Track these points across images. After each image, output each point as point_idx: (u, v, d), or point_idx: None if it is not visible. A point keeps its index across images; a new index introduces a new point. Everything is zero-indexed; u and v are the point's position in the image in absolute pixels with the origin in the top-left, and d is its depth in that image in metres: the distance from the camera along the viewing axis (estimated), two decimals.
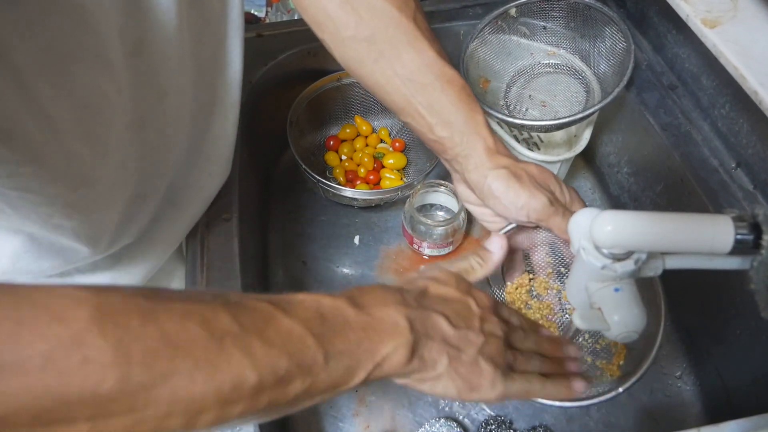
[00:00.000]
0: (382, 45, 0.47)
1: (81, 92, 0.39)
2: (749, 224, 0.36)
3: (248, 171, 0.72)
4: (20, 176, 0.38)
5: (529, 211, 0.46)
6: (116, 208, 0.49)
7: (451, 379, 0.37)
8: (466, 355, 0.38)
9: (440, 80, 0.47)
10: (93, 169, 0.43)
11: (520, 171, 0.47)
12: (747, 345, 0.59)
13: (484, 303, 0.41)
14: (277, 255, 0.78)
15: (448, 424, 0.62)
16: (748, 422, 0.44)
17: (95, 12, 0.37)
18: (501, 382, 0.39)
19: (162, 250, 0.59)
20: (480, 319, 0.40)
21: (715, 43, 0.59)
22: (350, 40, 0.48)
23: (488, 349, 0.39)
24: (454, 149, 0.48)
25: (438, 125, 0.48)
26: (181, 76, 0.48)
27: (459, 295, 0.40)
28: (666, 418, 0.65)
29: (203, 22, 0.49)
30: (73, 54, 0.37)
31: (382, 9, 0.47)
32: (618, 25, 0.69)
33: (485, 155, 0.47)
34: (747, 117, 0.60)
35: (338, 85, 0.81)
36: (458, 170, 0.49)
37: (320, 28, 0.49)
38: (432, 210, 0.79)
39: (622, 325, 0.40)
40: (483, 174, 0.47)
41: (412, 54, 0.47)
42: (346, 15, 0.47)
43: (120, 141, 0.45)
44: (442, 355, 0.37)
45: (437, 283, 0.41)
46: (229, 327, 0.29)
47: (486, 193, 0.47)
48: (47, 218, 0.43)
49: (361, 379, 0.34)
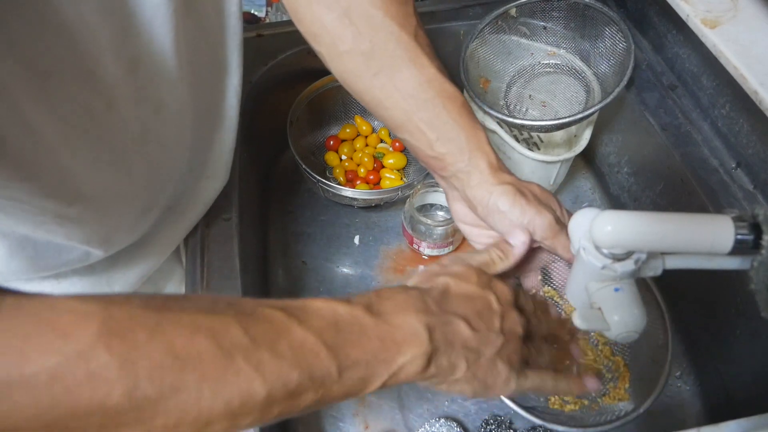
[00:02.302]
0: (382, 60, 0.46)
1: (67, 110, 0.38)
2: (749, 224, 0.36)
3: (248, 171, 0.72)
4: (11, 189, 0.38)
5: (535, 228, 0.45)
6: (115, 218, 0.48)
7: (467, 382, 0.37)
8: (484, 357, 0.38)
9: (441, 96, 0.47)
10: (88, 183, 0.43)
11: (525, 189, 0.46)
12: (747, 345, 0.59)
13: (504, 297, 0.41)
14: (277, 255, 0.78)
15: (448, 424, 0.62)
16: (748, 422, 0.44)
17: (83, 31, 0.36)
18: (515, 380, 0.39)
19: (160, 253, 0.59)
20: (500, 317, 0.40)
21: (715, 43, 0.59)
22: (347, 54, 0.47)
23: (506, 350, 0.39)
24: (454, 165, 0.47)
25: (439, 141, 0.47)
26: (179, 88, 0.48)
27: (480, 291, 0.40)
28: (666, 418, 0.65)
29: (199, 32, 0.48)
30: (57, 71, 0.36)
31: (381, 24, 0.46)
32: (618, 25, 0.69)
33: (489, 172, 0.46)
34: (747, 117, 0.60)
35: (338, 85, 0.80)
36: (457, 187, 0.48)
37: (316, 41, 0.48)
38: (432, 210, 0.79)
39: (622, 324, 0.40)
40: (488, 190, 0.46)
41: (413, 70, 0.46)
42: (344, 28, 0.46)
43: (117, 156, 0.44)
44: (461, 360, 0.37)
45: (458, 280, 0.40)
46: (240, 340, 0.29)
47: (491, 209, 0.46)
48: (40, 224, 0.43)
49: (375, 388, 0.33)
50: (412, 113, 0.47)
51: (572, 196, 0.85)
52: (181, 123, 0.51)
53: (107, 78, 0.40)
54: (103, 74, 0.39)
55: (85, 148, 0.41)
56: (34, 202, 0.40)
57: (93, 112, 0.40)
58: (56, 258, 0.49)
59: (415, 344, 0.34)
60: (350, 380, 0.32)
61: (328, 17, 0.46)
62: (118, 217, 0.49)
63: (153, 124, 0.47)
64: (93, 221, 0.46)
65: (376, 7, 0.45)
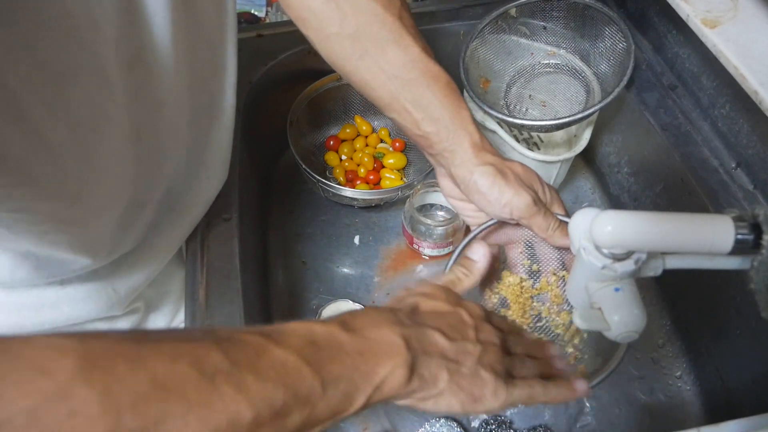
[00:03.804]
0: (367, 42, 0.47)
1: (77, 110, 0.38)
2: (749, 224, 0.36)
3: (248, 171, 0.72)
4: (13, 199, 0.37)
5: (513, 209, 0.46)
6: (113, 218, 0.48)
7: (453, 394, 0.37)
8: (465, 367, 0.37)
9: (426, 76, 0.48)
10: (87, 183, 0.43)
11: (506, 169, 0.47)
12: (747, 345, 0.59)
13: (476, 312, 0.41)
14: (277, 255, 0.78)
15: (448, 424, 0.62)
16: (748, 422, 0.44)
17: (90, 29, 0.36)
18: (503, 389, 0.38)
19: (162, 256, 0.59)
20: (474, 328, 0.39)
21: (715, 43, 0.59)
22: (335, 36, 0.48)
23: (487, 358, 0.38)
24: (440, 144, 0.48)
25: (424, 121, 0.48)
26: (178, 84, 0.48)
27: (450, 307, 0.40)
28: (666, 418, 0.65)
29: (198, 28, 0.49)
30: (68, 72, 0.36)
31: (366, 6, 0.47)
32: (618, 25, 0.69)
33: (471, 151, 0.47)
34: (747, 117, 0.60)
35: (338, 85, 0.81)
36: (443, 165, 0.50)
37: (304, 25, 0.49)
38: (432, 210, 0.79)
39: (623, 325, 0.40)
40: (469, 170, 0.47)
41: (397, 51, 0.47)
42: (330, 11, 0.47)
43: (115, 154, 0.44)
44: (442, 371, 0.36)
45: (427, 299, 0.41)
46: (221, 364, 0.29)
47: (471, 189, 0.47)
48: (42, 235, 0.42)
49: (360, 404, 0.33)
50: (397, 93, 0.48)
51: (572, 196, 0.85)
52: (178, 120, 0.51)
53: (110, 76, 0.40)
54: (107, 72, 0.40)
55: (88, 149, 0.41)
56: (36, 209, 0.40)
57: (99, 112, 0.40)
58: (60, 267, 0.49)
59: (394, 354, 0.34)
60: (334, 397, 0.32)
61: (316, 2, 0.47)
62: (115, 216, 0.49)
63: (150, 122, 0.47)
64: (92, 222, 0.46)
65: None
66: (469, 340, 0.38)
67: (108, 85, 0.40)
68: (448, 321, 0.39)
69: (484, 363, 0.38)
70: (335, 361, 0.32)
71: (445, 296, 0.41)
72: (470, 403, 0.37)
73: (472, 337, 0.39)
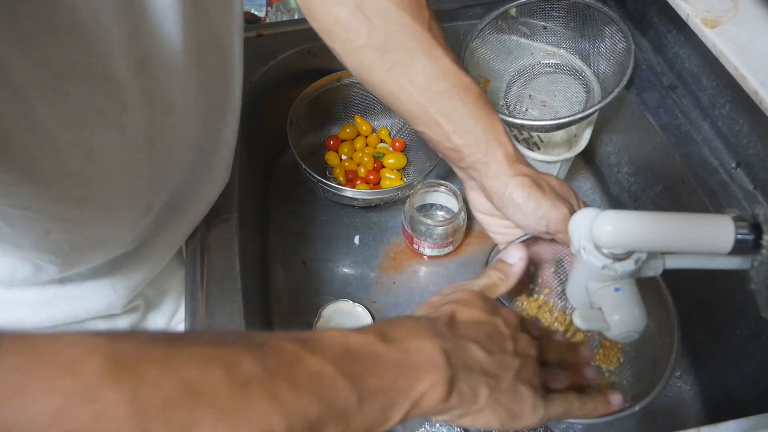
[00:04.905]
0: (396, 53, 0.46)
1: (79, 111, 0.38)
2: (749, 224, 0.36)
3: (248, 171, 0.72)
4: (17, 195, 0.37)
5: (549, 222, 0.45)
6: (118, 219, 0.48)
7: (492, 411, 0.35)
8: (504, 382, 0.36)
9: (457, 88, 0.46)
10: (93, 184, 0.42)
11: (542, 181, 0.46)
12: (747, 345, 0.59)
13: (512, 322, 0.40)
14: (277, 255, 0.78)
15: (448, 424, 0.61)
16: (748, 422, 0.44)
17: (95, 30, 0.36)
18: (541, 405, 0.37)
19: (162, 255, 0.59)
20: (512, 339, 0.38)
21: (715, 43, 0.59)
22: (363, 48, 0.46)
23: (525, 372, 0.37)
24: (472, 156, 0.47)
25: (456, 133, 0.46)
26: (187, 87, 0.47)
27: (486, 316, 0.39)
28: (666, 418, 0.65)
29: (208, 30, 0.48)
30: (71, 72, 0.36)
31: (396, 17, 0.45)
32: (618, 25, 0.69)
33: (506, 163, 0.46)
34: (747, 117, 0.60)
35: (338, 85, 0.81)
36: (475, 177, 0.48)
37: (330, 37, 0.48)
38: (432, 210, 0.79)
39: (623, 324, 0.40)
40: (504, 181, 0.46)
41: (428, 62, 0.46)
42: (358, 23, 0.45)
43: (124, 156, 0.44)
44: (482, 386, 0.35)
45: (463, 307, 0.39)
46: (254, 371, 0.27)
47: (506, 201, 0.46)
48: (45, 234, 0.42)
49: (397, 420, 0.31)
50: (428, 105, 0.47)
51: None
52: (188, 122, 0.50)
53: (118, 79, 0.40)
54: (115, 75, 0.39)
55: (94, 150, 0.41)
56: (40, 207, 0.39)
57: (104, 114, 0.40)
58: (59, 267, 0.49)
59: (434, 369, 0.33)
60: (370, 411, 0.30)
61: (342, 12, 0.46)
62: (120, 217, 0.48)
63: (160, 125, 0.47)
64: (95, 223, 0.46)
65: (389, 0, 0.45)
66: (507, 352, 0.37)
67: (114, 87, 0.40)
68: (485, 331, 0.38)
69: (522, 377, 0.37)
70: (373, 374, 0.31)
71: (482, 304, 0.40)
72: (509, 420, 0.36)
73: (510, 349, 0.38)
